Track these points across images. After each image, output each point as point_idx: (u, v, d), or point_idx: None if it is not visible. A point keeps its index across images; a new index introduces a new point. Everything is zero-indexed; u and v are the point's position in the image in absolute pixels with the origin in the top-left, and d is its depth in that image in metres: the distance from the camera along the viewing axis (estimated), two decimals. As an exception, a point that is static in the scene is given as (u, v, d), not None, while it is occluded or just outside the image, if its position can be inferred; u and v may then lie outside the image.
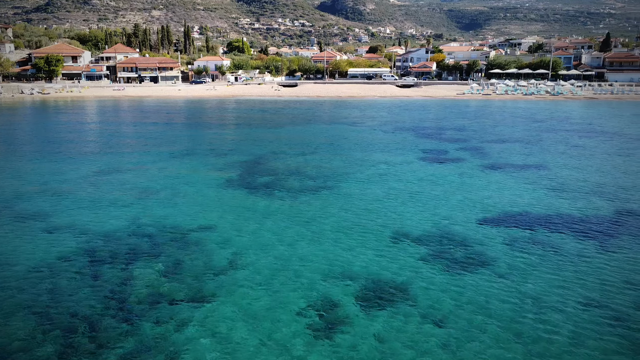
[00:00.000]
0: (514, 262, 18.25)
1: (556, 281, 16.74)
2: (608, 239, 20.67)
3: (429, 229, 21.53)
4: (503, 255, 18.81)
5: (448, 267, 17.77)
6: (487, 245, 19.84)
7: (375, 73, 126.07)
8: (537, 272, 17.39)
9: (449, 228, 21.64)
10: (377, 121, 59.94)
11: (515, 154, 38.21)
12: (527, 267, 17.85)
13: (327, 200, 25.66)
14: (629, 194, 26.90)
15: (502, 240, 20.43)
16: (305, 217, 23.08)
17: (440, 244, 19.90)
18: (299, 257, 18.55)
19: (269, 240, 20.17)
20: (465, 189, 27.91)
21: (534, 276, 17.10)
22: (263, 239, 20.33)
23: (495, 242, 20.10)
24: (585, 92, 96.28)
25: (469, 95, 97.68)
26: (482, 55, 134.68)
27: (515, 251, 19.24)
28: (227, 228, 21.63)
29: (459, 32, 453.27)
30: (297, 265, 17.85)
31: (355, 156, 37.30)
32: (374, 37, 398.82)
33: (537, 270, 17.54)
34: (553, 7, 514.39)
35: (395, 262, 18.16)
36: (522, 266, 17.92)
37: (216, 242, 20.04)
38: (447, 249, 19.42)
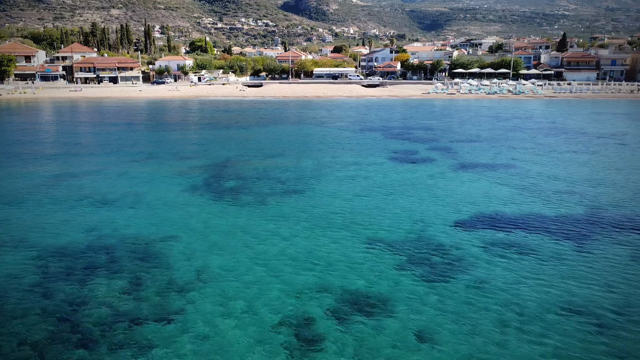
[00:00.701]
0: (492, 266, 17.72)
1: (537, 285, 16.27)
2: (583, 238, 20.47)
3: (404, 233, 20.84)
4: (481, 260, 18.27)
5: (426, 274, 17.07)
6: (464, 249, 19.28)
7: (340, 73, 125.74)
8: (516, 277, 16.89)
9: (425, 232, 21.01)
10: (345, 121, 59.34)
11: (484, 153, 38.17)
12: (506, 271, 17.35)
13: (297, 206, 24.67)
14: (598, 191, 27.00)
15: (479, 243, 19.92)
16: (274, 224, 22.02)
17: (416, 249, 19.22)
18: (270, 268, 17.49)
19: (238, 250, 19.02)
20: (438, 190, 27.43)
21: (514, 281, 16.59)
22: (231, 249, 19.17)
23: (472, 246, 19.57)
24: (545, 91, 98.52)
25: (434, 94, 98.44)
26: (446, 55, 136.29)
27: (493, 255, 18.74)
28: (192, 237, 20.35)
29: (421, 32, 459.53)
30: (268, 277, 16.80)
31: (325, 158, 36.44)
32: (338, 37, 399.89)
33: (517, 275, 17.05)
34: (510, 9, 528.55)
35: (372, 270, 17.34)
36: (501, 271, 17.40)
37: (181, 253, 18.76)
38: (424, 254, 18.74)
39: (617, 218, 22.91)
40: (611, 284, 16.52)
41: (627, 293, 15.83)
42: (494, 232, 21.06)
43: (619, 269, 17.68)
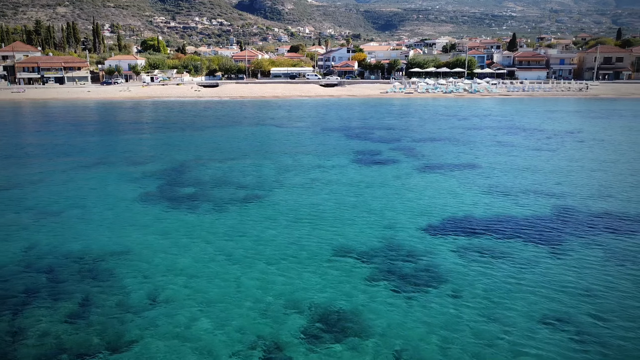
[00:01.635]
0: (467, 274, 16.94)
1: (513, 292, 15.58)
2: (555, 239, 20.04)
3: (374, 241, 19.81)
4: (455, 267, 17.47)
5: (400, 286, 16.08)
6: (437, 255, 18.43)
7: (298, 72, 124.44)
8: (492, 284, 16.17)
9: (395, 239, 20.05)
10: (305, 122, 58.15)
11: (447, 152, 37.82)
12: (481, 278, 16.59)
13: (259, 213, 23.25)
14: (564, 189, 26.89)
15: (451, 248, 19.14)
16: (235, 235, 20.54)
17: (388, 258, 18.22)
18: (232, 285, 16.06)
19: (198, 265, 17.47)
20: (405, 193, 26.63)
21: (490, 288, 15.85)
22: (190, 264, 17.59)
23: (445, 252, 18.76)
24: (499, 90, 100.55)
25: (392, 93, 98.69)
26: (402, 55, 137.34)
27: (467, 261, 17.97)
28: (146, 253, 18.61)
29: (376, 32, 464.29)
30: (230, 295, 15.37)
31: (286, 160, 35.09)
32: (294, 36, 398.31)
33: (492, 282, 16.33)
34: (461, 10, 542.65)
35: (342, 283, 16.20)
36: (476, 278, 16.64)
37: (134, 270, 17.04)
38: (396, 264, 17.76)
39: (585, 216, 22.72)
40: (588, 287, 16.03)
41: (605, 297, 15.34)
42: (466, 236, 20.36)
43: (594, 271, 17.27)
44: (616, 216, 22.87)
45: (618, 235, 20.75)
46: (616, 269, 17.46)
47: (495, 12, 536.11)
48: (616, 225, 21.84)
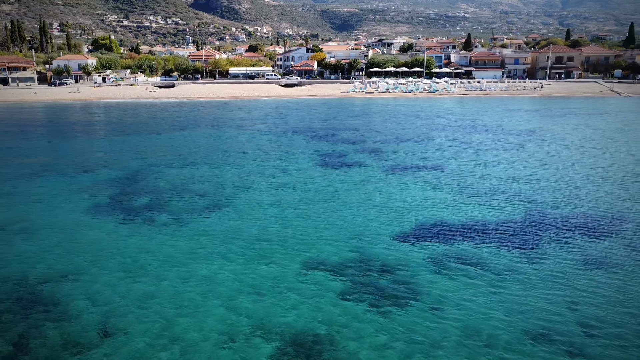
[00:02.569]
0: (444, 286, 16.06)
1: (492, 304, 14.78)
2: (529, 244, 19.47)
3: (345, 252, 18.66)
4: (431, 279, 16.56)
5: (375, 301, 15.01)
6: (411, 267, 17.46)
7: (257, 72, 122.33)
8: (470, 296, 15.34)
9: (367, 249, 18.97)
10: (266, 123, 56.56)
11: (413, 154, 37.20)
12: (458, 290, 15.75)
13: (221, 224, 21.71)
14: (532, 190, 26.57)
15: (425, 258, 18.23)
16: (196, 250, 18.96)
17: (360, 271, 17.11)
18: (195, 309, 14.55)
19: (153, 289, 15.83)
20: (373, 198, 25.63)
21: (469, 302, 15.00)
22: (146, 284, 15.94)
23: (419, 263, 17.81)
24: (458, 89, 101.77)
25: (352, 93, 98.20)
26: (361, 55, 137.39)
27: (443, 272, 17.09)
28: (97, 272, 16.81)
29: (333, 32, 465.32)
30: (193, 321, 13.87)
31: (248, 165, 33.54)
32: (252, 36, 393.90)
33: (470, 293, 15.50)
34: (416, 10, 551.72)
35: (313, 302, 14.98)
36: (454, 290, 15.78)
37: (83, 294, 15.26)
38: (369, 277, 16.67)
39: (557, 217, 22.34)
40: (569, 295, 15.42)
41: (588, 304, 14.74)
42: (440, 244, 19.52)
43: (574, 277, 16.72)
44: (587, 216, 22.60)
45: (592, 236, 20.41)
46: (597, 274, 16.97)
47: (449, 13, 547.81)
48: (589, 226, 21.53)
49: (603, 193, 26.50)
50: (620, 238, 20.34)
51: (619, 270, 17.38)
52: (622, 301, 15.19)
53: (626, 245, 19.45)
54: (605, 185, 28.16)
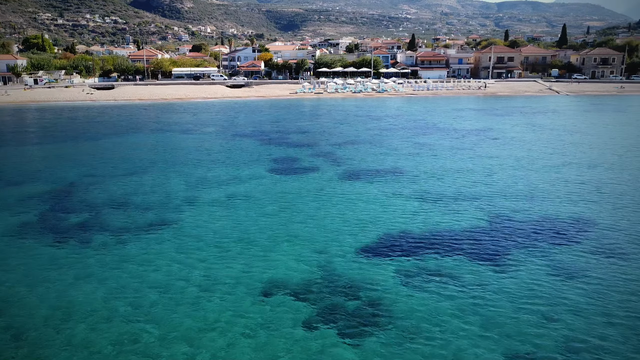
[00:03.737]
0: (414, 305, 14.91)
1: (467, 325, 13.68)
2: (498, 253, 18.64)
3: (306, 271, 17.09)
4: (399, 298, 15.34)
5: (343, 329, 13.60)
6: (378, 285, 16.15)
7: (202, 73, 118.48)
8: (444, 314, 14.22)
9: (330, 267, 17.48)
10: (213, 127, 54.03)
11: (369, 157, 36.11)
12: (430, 310, 14.61)
13: (166, 243, 19.60)
14: (492, 192, 25.99)
15: (392, 274, 16.98)
16: (138, 275, 16.84)
17: (324, 293, 15.61)
18: (136, 343, 12.51)
19: (92, 317, 13.64)
20: (331, 208, 24.19)
21: (442, 320, 13.87)
22: (82, 316, 13.71)
23: (386, 280, 16.54)
24: (406, 89, 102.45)
25: (301, 94, 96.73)
26: (309, 55, 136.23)
27: (411, 289, 15.90)
28: (23, 304, 14.38)
29: (279, 32, 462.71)
30: (136, 355, 11.88)
31: (196, 173, 31.29)
32: (195, 36, 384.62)
33: (444, 311, 14.38)
34: (360, 11, 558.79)
35: (274, 330, 13.32)
36: (425, 309, 14.65)
37: (5, 330, 12.86)
38: (334, 300, 15.20)
39: (521, 221, 21.73)
40: (543, 307, 14.59)
41: (561, 314, 13.90)
42: (406, 256, 18.32)
43: (546, 287, 15.99)
44: (551, 218, 22.13)
45: (559, 240, 19.85)
46: (567, 283, 16.27)
47: (391, 14, 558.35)
48: (554, 229, 21.02)
49: (562, 193, 26.29)
50: (586, 240, 19.90)
51: (589, 278, 16.81)
52: (596, 310, 14.47)
53: (594, 249, 18.97)
54: (563, 184, 28.05)
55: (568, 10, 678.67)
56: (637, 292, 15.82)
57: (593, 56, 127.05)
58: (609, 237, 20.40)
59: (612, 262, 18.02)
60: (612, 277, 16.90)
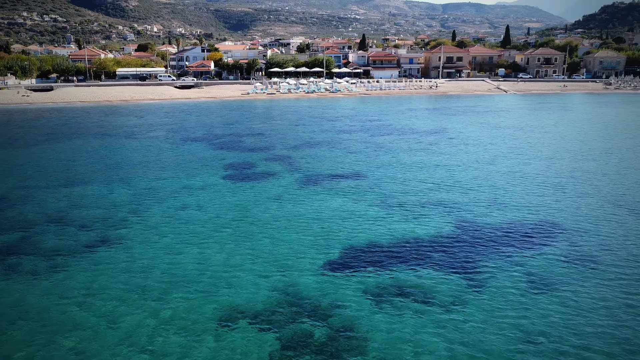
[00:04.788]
0: (385, 326, 13.73)
1: (444, 348, 12.49)
2: (468, 264, 17.72)
3: (269, 296, 15.50)
4: (369, 319, 14.19)
5: None
6: (346, 308, 14.84)
7: (149, 73, 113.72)
8: (416, 337, 13.01)
9: (294, 287, 15.99)
10: (161, 130, 51.17)
11: (327, 161, 34.76)
12: (402, 331, 13.42)
13: (110, 266, 17.49)
14: (456, 197, 25.21)
15: (360, 292, 15.78)
16: (74, 305, 14.70)
17: (289, 319, 14.14)
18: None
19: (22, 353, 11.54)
20: (291, 217, 22.65)
21: (416, 344, 12.64)
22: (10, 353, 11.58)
23: (355, 301, 15.27)
24: (359, 89, 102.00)
25: (254, 95, 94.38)
26: (260, 54, 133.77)
27: (384, 311, 14.74)
28: None
29: (228, 32, 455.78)
30: None
31: (143, 183, 28.92)
32: (141, 35, 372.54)
33: (416, 334, 13.18)
34: (310, 11, 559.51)
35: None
36: (397, 330, 13.48)
37: None
38: (301, 328, 13.75)
39: (488, 227, 20.96)
40: (519, 325, 13.66)
41: (541, 332, 12.98)
42: (374, 272, 17.07)
43: (520, 302, 15.16)
44: (516, 222, 21.49)
45: (527, 245, 19.16)
46: (544, 297, 15.48)
47: (341, 15, 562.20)
48: (521, 233, 20.37)
49: (525, 194, 25.85)
50: (554, 242, 19.34)
51: (563, 287, 16.14)
52: (571, 320, 13.66)
53: (562, 251, 18.36)
54: (525, 184, 27.68)
55: (509, 12, 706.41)
56: (610, 299, 15.20)
57: (537, 56, 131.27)
58: (576, 238, 19.92)
59: (583, 267, 17.43)
60: (585, 282, 16.27)
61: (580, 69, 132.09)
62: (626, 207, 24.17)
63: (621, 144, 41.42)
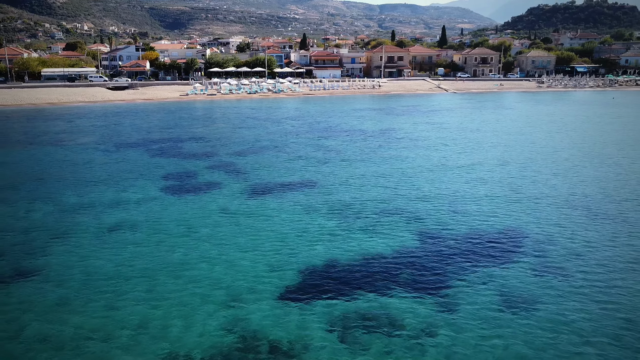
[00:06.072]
0: None
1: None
2: (435, 279, 16.34)
3: (218, 334, 13.38)
4: (337, 355, 12.24)
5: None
6: (307, 343, 13.00)
7: (78, 74, 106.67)
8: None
9: (247, 322, 14.01)
10: (92, 136, 47.10)
11: (275, 167, 32.69)
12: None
13: (23, 305, 14.68)
14: (414, 203, 23.91)
15: (323, 326, 14.01)
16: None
17: None
18: None
19: None
20: (239, 235, 20.50)
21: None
22: None
23: (317, 336, 13.46)
24: (302, 89, 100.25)
25: (193, 96, 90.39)
26: (199, 54, 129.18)
27: (348, 345, 12.88)
28: None
29: (164, 31, 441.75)
30: None
31: (68, 199, 25.68)
32: (70, 33, 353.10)
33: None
34: (248, 10, 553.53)
35: None
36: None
37: None
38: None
39: (451, 238, 19.74)
40: (495, 346, 12.37)
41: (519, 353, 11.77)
42: (337, 299, 15.35)
43: (493, 321, 13.87)
44: (479, 230, 20.42)
45: (497, 258, 18.06)
46: (517, 313, 14.35)
47: (280, 14, 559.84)
48: (489, 244, 19.27)
49: (484, 198, 24.98)
50: (520, 252, 18.35)
51: (535, 300, 15.15)
52: (547, 336, 12.53)
53: (530, 265, 17.37)
54: (481, 188, 26.88)
55: (442, 13, 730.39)
56: (586, 310, 14.25)
57: (474, 55, 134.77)
58: (541, 245, 19.08)
59: (551, 276, 16.49)
60: (555, 293, 15.33)
61: (514, 68, 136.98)
62: (582, 208, 23.81)
63: (564, 142, 42.04)
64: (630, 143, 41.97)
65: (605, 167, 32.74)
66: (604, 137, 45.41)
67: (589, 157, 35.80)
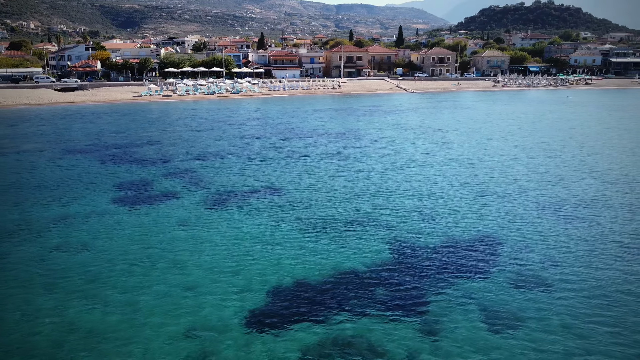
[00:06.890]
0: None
1: None
2: (417, 305, 15.29)
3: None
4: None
5: None
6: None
7: (23, 74, 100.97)
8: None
9: (208, 356, 12.41)
10: (37, 142, 43.88)
11: (237, 173, 31.03)
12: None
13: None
14: (385, 210, 22.89)
15: (296, 355, 12.54)
16: None
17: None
18: None
19: None
20: (200, 252, 18.90)
21: None
22: None
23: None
24: (261, 90, 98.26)
25: (147, 97, 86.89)
26: (153, 53, 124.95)
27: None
28: None
29: (116, 29, 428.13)
30: None
31: (7, 214, 23.26)
32: (15, 32, 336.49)
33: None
34: (204, 10, 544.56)
35: None
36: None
37: None
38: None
39: (427, 251, 18.79)
40: None
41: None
42: (309, 324, 14.05)
43: (478, 342, 12.94)
44: (457, 239, 19.56)
45: (474, 269, 17.19)
46: (500, 330, 13.48)
47: (236, 13, 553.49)
48: (465, 253, 18.41)
49: (454, 202, 24.22)
50: (497, 261, 17.58)
51: (516, 314, 14.38)
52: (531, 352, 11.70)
53: (508, 275, 16.59)
54: (450, 191, 26.15)
55: (397, 14, 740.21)
56: (566, 323, 13.52)
57: (431, 55, 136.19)
58: (517, 253, 18.36)
59: (530, 287, 15.73)
60: (536, 305, 14.61)
61: (470, 68, 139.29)
62: (552, 209, 23.42)
63: (528, 142, 42.19)
64: (590, 141, 42.57)
65: (570, 166, 32.79)
66: (564, 135, 45.97)
67: (553, 157, 35.88)
